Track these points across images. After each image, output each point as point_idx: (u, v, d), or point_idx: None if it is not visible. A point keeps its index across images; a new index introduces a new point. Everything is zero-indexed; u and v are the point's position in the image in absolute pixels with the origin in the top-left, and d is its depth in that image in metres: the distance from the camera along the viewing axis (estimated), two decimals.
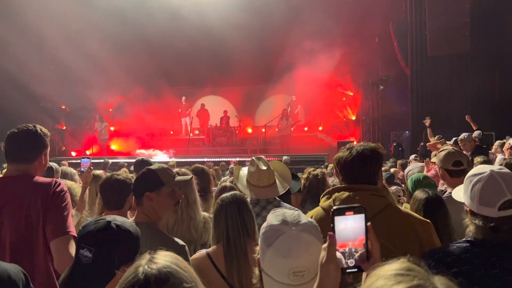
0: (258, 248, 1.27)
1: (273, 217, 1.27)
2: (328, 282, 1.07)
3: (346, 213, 1.07)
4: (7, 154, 2.34)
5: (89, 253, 1.39)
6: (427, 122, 7.10)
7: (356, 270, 1.07)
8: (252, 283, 1.32)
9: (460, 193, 1.67)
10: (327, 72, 14.37)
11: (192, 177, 2.32)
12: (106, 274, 1.39)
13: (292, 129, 15.29)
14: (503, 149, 5.85)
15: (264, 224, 1.27)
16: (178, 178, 2.20)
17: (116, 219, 1.48)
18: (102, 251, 1.40)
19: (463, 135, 5.88)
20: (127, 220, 1.52)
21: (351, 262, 1.07)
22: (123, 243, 1.43)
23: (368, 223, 1.08)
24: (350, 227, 1.07)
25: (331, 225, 1.07)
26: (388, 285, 0.70)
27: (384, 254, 1.07)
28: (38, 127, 2.42)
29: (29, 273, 1.96)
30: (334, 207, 1.08)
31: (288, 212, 1.29)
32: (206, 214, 2.76)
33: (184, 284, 1.03)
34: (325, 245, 1.08)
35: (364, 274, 1.08)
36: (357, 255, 1.07)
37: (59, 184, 2.33)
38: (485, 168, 1.55)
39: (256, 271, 1.28)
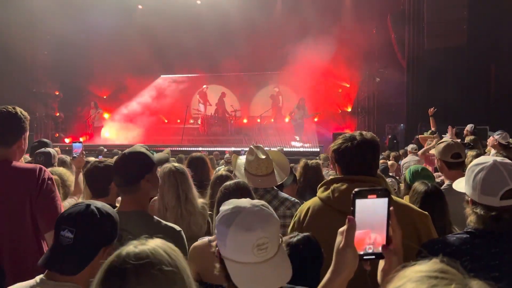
0: (214, 242, 1.24)
1: (226, 204, 1.26)
2: (344, 268, 0.99)
3: (369, 196, 0.98)
4: None
5: (71, 233, 1.40)
6: (431, 111, 7.05)
7: (374, 257, 1.00)
8: None
9: (461, 184, 1.67)
10: (324, 63, 14.30)
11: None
12: (87, 255, 1.41)
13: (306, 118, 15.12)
14: (489, 144, 5.79)
15: (220, 213, 1.24)
16: (155, 156, 2.15)
17: (95, 203, 1.51)
18: (83, 233, 1.41)
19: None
20: (106, 205, 1.55)
21: (369, 249, 1.00)
22: (103, 225, 1.46)
23: (391, 208, 1.00)
24: (372, 211, 0.99)
25: (352, 208, 0.99)
26: None
27: None
28: (18, 109, 2.30)
29: (14, 259, 1.94)
30: (356, 189, 0.99)
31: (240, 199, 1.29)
32: (201, 200, 2.70)
33: (162, 266, 1.01)
34: (342, 228, 1.00)
35: (381, 262, 1.02)
36: (376, 241, 0.99)
37: (44, 171, 2.23)
38: (488, 158, 1.55)
39: (217, 265, 1.23)
